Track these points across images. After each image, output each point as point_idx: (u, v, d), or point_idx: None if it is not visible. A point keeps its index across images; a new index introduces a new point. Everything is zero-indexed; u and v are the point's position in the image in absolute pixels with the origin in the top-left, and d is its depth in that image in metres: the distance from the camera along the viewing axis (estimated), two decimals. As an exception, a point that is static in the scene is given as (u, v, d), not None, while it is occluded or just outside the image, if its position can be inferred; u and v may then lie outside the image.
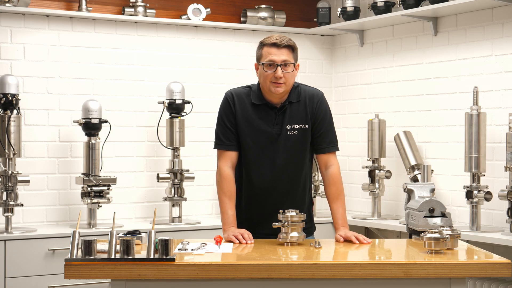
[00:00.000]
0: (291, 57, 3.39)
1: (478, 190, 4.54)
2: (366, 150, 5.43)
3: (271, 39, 3.39)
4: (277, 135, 3.44)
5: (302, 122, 3.46)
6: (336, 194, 3.49)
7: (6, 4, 4.91)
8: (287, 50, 3.38)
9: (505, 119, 4.61)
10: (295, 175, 3.49)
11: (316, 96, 3.51)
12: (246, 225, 3.46)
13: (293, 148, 3.46)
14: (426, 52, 5.25)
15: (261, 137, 3.44)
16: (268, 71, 3.37)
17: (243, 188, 3.52)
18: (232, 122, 3.46)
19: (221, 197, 3.46)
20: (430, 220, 3.33)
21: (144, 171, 5.41)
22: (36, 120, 5.07)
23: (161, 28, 5.47)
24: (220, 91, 5.63)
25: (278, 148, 3.45)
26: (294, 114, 3.46)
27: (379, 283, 2.83)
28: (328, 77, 6.08)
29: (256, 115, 3.45)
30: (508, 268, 2.82)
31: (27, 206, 4.96)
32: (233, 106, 3.47)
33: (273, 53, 3.36)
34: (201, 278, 2.79)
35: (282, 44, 3.37)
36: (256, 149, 3.46)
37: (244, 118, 3.46)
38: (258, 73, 3.45)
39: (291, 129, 3.44)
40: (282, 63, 3.36)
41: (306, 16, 6.06)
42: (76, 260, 2.78)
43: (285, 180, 3.47)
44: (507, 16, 4.68)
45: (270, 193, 3.46)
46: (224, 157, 3.48)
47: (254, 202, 3.50)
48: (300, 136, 3.46)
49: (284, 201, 3.45)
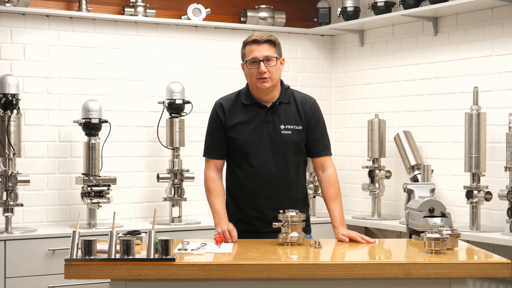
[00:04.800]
0: (272, 52, 3.46)
1: (478, 190, 4.54)
2: (366, 150, 5.43)
3: (251, 37, 3.49)
4: (268, 134, 3.48)
5: (296, 123, 3.51)
6: (334, 194, 3.53)
7: (6, 4, 4.91)
8: (267, 45, 3.46)
9: (505, 119, 4.61)
10: (289, 175, 3.52)
11: (309, 102, 3.58)
12: (242, 224, 3.50)
13: (288, 148, 3.49)
14: (426, 52, 5.25)
15: (252, 136, 3.49)
16: (252, 68, 3.45)
17: (238, 189, 3.56)
18: (219, 131, 3.55)
19: (208, 197, 3.59)
20: (430, 220, 3.33)
21: (144, 171, 5.41)
22: (36, 120, 5.07)
23: (161, 28, 5.47)
24: (220, 91, 5.64)
25: (272, 147, 3.48)
26: (287, 114, 3.51)
27: (379, 283, 2.84)
28: (328, 77, 6.08)
29: (246, 115, 3.52)
30: (508, 268, 2.83)
31: (27, 206, 4.96)
32: (221, 114, 3.55)
33: (255, 49, 3.45)
34: (201, 278, 2.79)
35: (262, 40, 3.45)
36: (250, 149, 3.49)
37: (235, 120, 3.52)
38: (245, 73, 3.53)
39: (284, 129, 3.49)
40: (264, 58, 3.44)
41: (306, 16, 6.06)
42: (76, 260, 2.78)
43: (281, 180, 3.49)
44: (507, 16, 4.68)
45: (265, 192, 3.49)
46: (208, 164, 3.62)
47: (249, 201, 3.52)
48: (295, 136, 3.50)
49: (279, 200, 3.48)
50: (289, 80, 5.80)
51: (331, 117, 6.05)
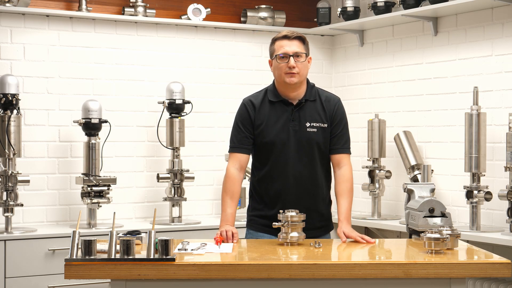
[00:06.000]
0: (302, 48, 3.52)
1: (478, 190, 4.54)
2: (366, 150, 5.43)
3: (281, 33, 3.55)
4: (295, 132, 3.51)
5: (321, 121, 3.55)
6: (346, 190, 3.57)
7: (6, 4, 4.91)
8: (298, 41, 3.52)
9: (505, 119, 4.61)
10: (315, 172, 3.55)
11: (334, 100, 3.62)
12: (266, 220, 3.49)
13: (313, 146, 3.52)
14: (426, 52, 5.25)
15: (279, 133, 3.52)
16: (282, 63, 3.49)
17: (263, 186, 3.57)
18: (247, 126, 3.55)
19: (223, 196, 3.55)
20: (430, 220, 3.33)
21: (144, 171, 5.41)
22: (36, 120, 5.07)
23: (161, 28, 5.47)
24: (220, 91, 5.66)
25: (298, 144, 3.51)
26: (313, 112, 3.55)
27: (379, 283, 2.84)
28: (328, 77, 6.08)
29: (273, 112, 3.55)
30: (508, 268, 2.83)
31: (27, 206, 4.96)
32: (251, 110, 3.56)
33: (285, 45, 3.50)
34: (201, 278, 2.79)
35: (292, 36, 3.52)
36: (278, 146, 3.51)
37: (263, 117, 3.55)
38: (273, 68, 3.56)
39: (310, 127, 3.53)
40: (294, 54, 3.49)
41: (306, 16, 6.06)
42: (76, 260, 2.78)
43: (306, 176, 3.53)
44: (507, 16, 4.68)
45: (291, 189, 3.51)
46: (232, 159, 3.57)
47: (274, 198, 3.54)
48: (320, 134, 3.53)
49: (305, 196, 3.51)
50: (289, 80, 5.85)
51: (331, 117, 6.05)
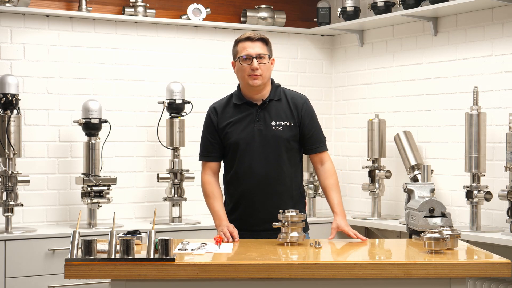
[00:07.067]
0: (265, 50, 3.54)
1: (478, 190, 4.54)
2: (366, 150, 5.43)
3: (244, 35, 3.57)
4: (260, 131, 3.52)
5: (287, 120, 3.56)
6: (335, 184, 3.59)
7: (6, 4, 4.91)
8: (260, 43, 3.54)
9: (505, 119, 4.61)
10: (282, 171, 3.54)
11: (300, 99, 3.63)
12: (238, 223, 3.51)
13: (279, 144, 3.53)
14: (426, 52, 5.25)
15: (244, 134, 3.53)
16: (245, 64, 3.53)
17: (233, 187, 3.60)
18: (212, 133, 3.60)
19: (206, 200, 3.64)
20: (430, 220, 3.33)
21: (144, 171, 5.41)
22: (36, 120, 5.07)
23: (161, 28, 5.47)
24: (220, 91, 5.65)
25: (264, 144, 3.52)
26: (278, 111, 3.56)
27: (379, 283, 2.84)
28: (328, 77, 6.08)
29: (238, 114, 3.57)
30: (508, 268, 2.83)
31: (27, 206, 4.96)
32: (214, 117, 3.61)
33: (248, 46, 3.52)
34: (201, 278, 2.79)
35: (255, 38, 3.54)
36: (242, 147, 3.53)
37: (227, 120, 3.57)
38: (236, 70, 3.60)
39: (276, 125, 3.54)
40: (257, 56, 3.51)
41: (306, 16, 6.06)
42: (76, 260, 2.78)
43: (272, 177, 3.52)
44: (507, 16, 4.68)
45: (258, 189, 3.52)
46: (204, 167, 3.66)
47: (243, 199, 3.56)
48: (286, 132, 3.54)
49: (272, 196, 3.51)
50: (289, 80, 5.85)
51: (331, 117, 6.05)
